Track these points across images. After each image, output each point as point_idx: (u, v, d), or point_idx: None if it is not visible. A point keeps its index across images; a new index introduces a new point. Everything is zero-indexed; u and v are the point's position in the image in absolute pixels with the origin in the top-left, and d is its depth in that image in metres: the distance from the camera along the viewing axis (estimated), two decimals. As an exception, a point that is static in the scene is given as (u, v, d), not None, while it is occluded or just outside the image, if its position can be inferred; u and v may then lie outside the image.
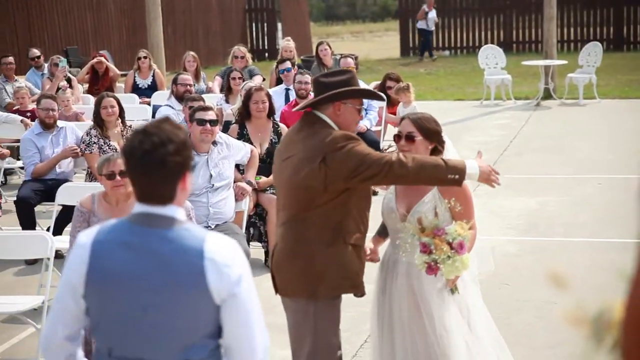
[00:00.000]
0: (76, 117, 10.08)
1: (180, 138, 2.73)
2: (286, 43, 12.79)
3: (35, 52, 13.01)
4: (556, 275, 1.34)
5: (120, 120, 8.23)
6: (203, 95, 9.02)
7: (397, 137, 4.38)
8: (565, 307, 1.32)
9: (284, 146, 4.39)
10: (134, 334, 2.73)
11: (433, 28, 25.68)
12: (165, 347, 2.72)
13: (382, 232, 4.61)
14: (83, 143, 8.12)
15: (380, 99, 4.82)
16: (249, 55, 12.17)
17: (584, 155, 11.81)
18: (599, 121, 14.55)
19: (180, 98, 9.34)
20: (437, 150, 4.37)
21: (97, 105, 8.20)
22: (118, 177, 5.10)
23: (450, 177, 4.06)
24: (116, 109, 8.16)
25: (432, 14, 25.06)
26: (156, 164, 2.69)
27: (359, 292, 4.29)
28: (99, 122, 8.15)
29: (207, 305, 2.69)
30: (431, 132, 4.34)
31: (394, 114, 10.65)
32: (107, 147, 8.04)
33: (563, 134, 13.49)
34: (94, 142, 8.08)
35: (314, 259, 4.14)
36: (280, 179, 4.34)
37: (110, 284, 2.72)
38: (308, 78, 9.16)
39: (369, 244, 4.47)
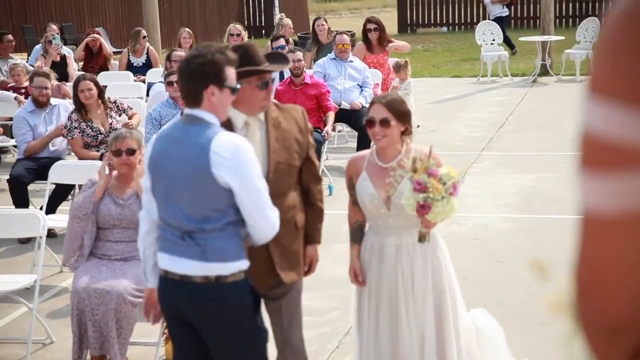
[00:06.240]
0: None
1: (212, 57, 3.43)
2: (286, 20, 12.72)
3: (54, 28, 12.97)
4: (537, 262, 1.32)
5: (100, 100, 8.03)
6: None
7: (369, 123, 4.14)
8: (546, 295, 1.29)
9: None
10: (173, 206, 3.53)
11: None
12: (192, 215, 3.49)
13: (359, 239, 4.38)
14: (65, 128, 8.04)
15: None
16: (244, 34, 12.09)
17: (580, 132, 11.76)
18: (596, 97, 14.48)
19: (174, 75, 9.28)
20: (407, 131, 4.20)
21: (75, 88, 8.02)
22: (124, 156, 5.24)
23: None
24: (94, 91, 7.91)
25: None
26: (185, 71, 3.49)
27: None
28: (79, 105, 7.97)
29: (219, 188, 3.44)
30: (403, 115, 4.16)
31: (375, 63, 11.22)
32: (89, 130, 7.92)
33: (559, 111, 13.45)
34: (75, 127, 7.93)
35: None
36: None
37: (159, 167, 3.56)
38: (300, 55, 9.14)
39: (355, 265, 4.32)
